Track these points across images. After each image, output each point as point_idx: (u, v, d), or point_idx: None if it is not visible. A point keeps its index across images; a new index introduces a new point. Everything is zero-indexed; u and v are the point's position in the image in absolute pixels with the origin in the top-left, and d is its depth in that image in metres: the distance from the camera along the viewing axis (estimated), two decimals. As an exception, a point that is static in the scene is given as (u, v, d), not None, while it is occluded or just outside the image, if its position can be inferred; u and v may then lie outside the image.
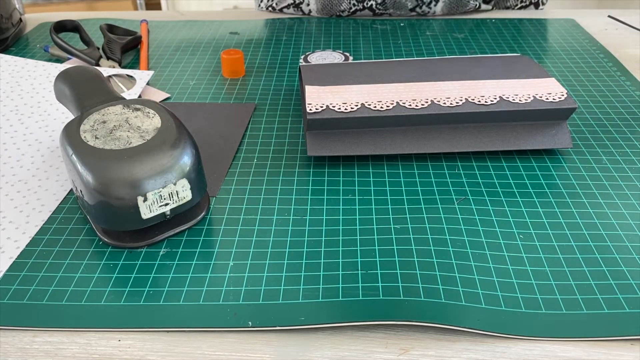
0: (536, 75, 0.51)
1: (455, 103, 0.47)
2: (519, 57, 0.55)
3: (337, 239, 0.40)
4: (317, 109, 0.47)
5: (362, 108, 0.47)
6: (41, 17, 0.81)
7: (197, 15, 0.82)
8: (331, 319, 0.34)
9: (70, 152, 0.38)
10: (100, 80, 0.46)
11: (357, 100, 0.47)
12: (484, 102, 0.47)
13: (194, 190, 0.39)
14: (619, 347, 0.33)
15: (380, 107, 0.47)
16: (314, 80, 0.51)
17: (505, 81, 0.50)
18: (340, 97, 0.48)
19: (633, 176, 0.46)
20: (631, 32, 0.75)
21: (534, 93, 0.48)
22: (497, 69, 0.52)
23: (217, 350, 0.33)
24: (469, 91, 0.49)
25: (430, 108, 0.47)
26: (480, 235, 0.40)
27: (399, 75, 0.51)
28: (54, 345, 0.33)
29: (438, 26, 0.76)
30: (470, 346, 0.33)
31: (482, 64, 0.54)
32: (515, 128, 0.48)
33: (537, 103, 0.47)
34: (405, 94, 0.48)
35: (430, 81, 0.50)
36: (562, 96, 0.48)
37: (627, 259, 0.38)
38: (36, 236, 0.41)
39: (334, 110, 0.46)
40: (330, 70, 0.53)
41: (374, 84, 0.50)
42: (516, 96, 0.48)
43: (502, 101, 0.47)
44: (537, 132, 0.48)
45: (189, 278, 0.37)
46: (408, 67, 0.53)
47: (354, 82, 0.50)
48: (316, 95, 0.48)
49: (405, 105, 0.47)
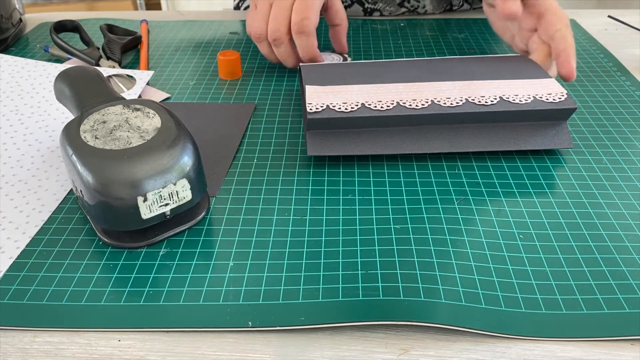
0: (536, 75, 0.51)
1: (456, 103, 0.47)
2: (519, 57, 0.55)
3: (337, 239, 0.40)
4: (317, 108, 0.47)
5: (363, 108, 0.47)
6: (41, 17, 0.81)
7: (197, 15, 0.82)
8: (331, 319, 0.34)
9: (70, 152, 0.38)
10: (100, 80, 0.46)
11: (358, 100, 0.47)
12: (484, 102, 0.47)
13: (194, 190, 0.39)
14: (619, 347, 0.33)
15: (380, 107, 0.47)
16: (314, 80, 0.51)
17: (505, 81, 0.50)
18: (340, 97, 0.48)
19: (633, 176, 0.46)
20: (631, 32, 0.75)
21: (534, 93, 0.48)
22: (497, 69, 0.52)
23: (217, 350, 0.33)
24: (469, 91, 0.49)
25: (431, 108, 0.47)
26: (480, 235, 0.40)
27: (399, 76, 0.51)
28: (54, 345, 0.33)
29: (438, 26, 0.76)
30: (470, 346, 0.33)
31: (482, 64, 0.54)
32: (515, 128, 0.48)
33: (537, 103, 0.47)
34: (406, 94, 0.48)
35: (430, 81, 0.50)
36: (562, 96, 0.48)
37: (627, 259, 0.38)
38: (36, 236, 0.41)
39: (334, 110, 0.46)
40: (331, 71, 0.53)
41: (374, 84, 0.50)
42: (516, 96, 0.48)
43: (502, 101, 0.47)
44: (537, 132, 0.48)
45: (189, 278, 0.37)
46: (408, 67, 0.53)
47: (354, 82, 0.50)
48: (316, 95, 0.48)
49: (406, 105, 0.47)
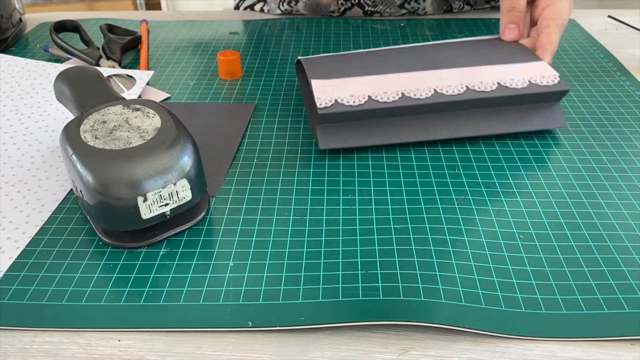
0: (529, 59, 0.54)
1: (457, 91, 0.49)
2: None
3: (337, 239, 0.40)
4: (326, 103, 0.48)
5: (370, 101, 0.48)
6: (41, 17, 0.81)
7: (197, 15, 0.82)
8: (331, 319, 0.34)
9: (70, 152, 0.38)
10: (100, 80, 0.46)
11: (364, 93, 0.49)
12: (484, 88, 0.50)
13: (194, 190, 0.39)
14: (619, 347, 0.33)
15: (386, 98, 0.48)
16: (317, 74, 0.52)
17: (501, 66, 0.53)
18: (347, 91, 0.49)
19: (633, 176, 0.46)
20: (631, 32, 0.75)
21: (529, 77, 0.51)
22: (492, 54, 0.55)
23: (217, 350, 0.33)
24: (468, 78, 0.51)
25: (434, 97, 0.49)
26: (480, 235, 0.40)
27: (399, 65, 0.53)
28: (54, 345, 0.33)
29: (438, 26, 0.76)
30: (470, 346, 0.33)
31: (476, 47, 0.56)
32: (512, 112, 0.51)
33: (532, 87, 0.50)
34: (409, 84, 0.50)
35: (431, 69, 0.52)
36: (555, 79, 0.51)
37: (627, 259, 0.38)
38: (36, 236, 0.41)
39: (342, 104, 0.48)
40: (331, 62, 0.54)
41: (377, 75, 0.51)
42: (512, 81, 0.51)
43: (501, 87, 0.50)
44: (533, 114, 0.51)
45: (189, 278, 0.37)
46: (405, 54, 0.55)
47: (357, 73, 0.52)
48: (322, 89, 0.49)
49: (410, 95, 0.49)
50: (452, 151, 0.49)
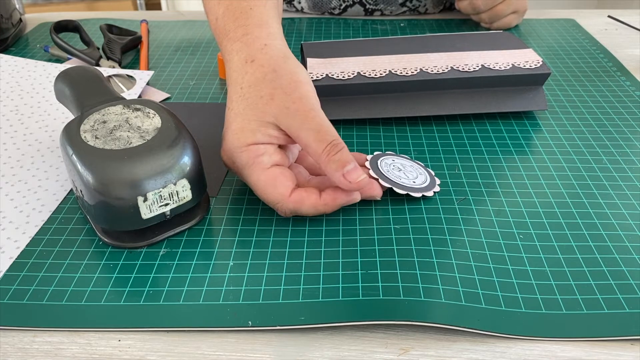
0: (516, 46, 0.57)
1: (442, 70, 0.53)
2: (501, 33, 0.60)
3: (337, 239, 0.40)
4: (317, 77, 0.52)
5: (358, 76, 0.52)
6: (41, 17, 0.81)
7: (197, 15, 0.82)
8: (331, 319, 0.34)
9: (70, 152, 0.38)
10: (100, 80, 0.46)
11: (354, 69, 0.53)
12: (467, 69, 0.53)
13: (194, 190, 0.39)
14: (619, 347, 0.33)
15: (374, 74, 0.52)
16: (314, 54, 0.56)
17: (487, 52, 0.55)
18: (338, 67, 0.53)
19: (633, 176, 0.46)
20: (631, 32, 0.75)
21: (512, 61, 0.54)
22: (480, 42, 0.58)
23: (217, 350, 0.33)
24: (455, 61, 0.54)
25: (419, 75, 0.52)
26: (480, 235, 0.40)
27: (391, 49, 0.57)
28: (54, 345, 0.33)
29: (438, 26, 0.76)
30: (470, 346, 0.33)
31: (466, 38, 0.59)
32: (496, 93, 0.54)
33: (515, 70, 0.53)
34: (397, 64, 0.54)
35: (420, 53, 0.56)
36: (538, 64, 0.53)
37: (627, 259, 0.38)
38: (36, 236, 0.41)
39: (332, 78, 0.52)
40: (330, 46, 0.58)
41: (369, 56, 0.55)
42: (496, 64, 0.53)
43: (484, 68, 0.53)
44: (515, 96, 0.54)
45: (189, 278, 0.37)
46: (399, 42, 0.58)
47: (350, 54, 0.56)
48: (316, 65, 0.54)
49: (397, 73, 0.52)
50: (452, 151, 0.49)
